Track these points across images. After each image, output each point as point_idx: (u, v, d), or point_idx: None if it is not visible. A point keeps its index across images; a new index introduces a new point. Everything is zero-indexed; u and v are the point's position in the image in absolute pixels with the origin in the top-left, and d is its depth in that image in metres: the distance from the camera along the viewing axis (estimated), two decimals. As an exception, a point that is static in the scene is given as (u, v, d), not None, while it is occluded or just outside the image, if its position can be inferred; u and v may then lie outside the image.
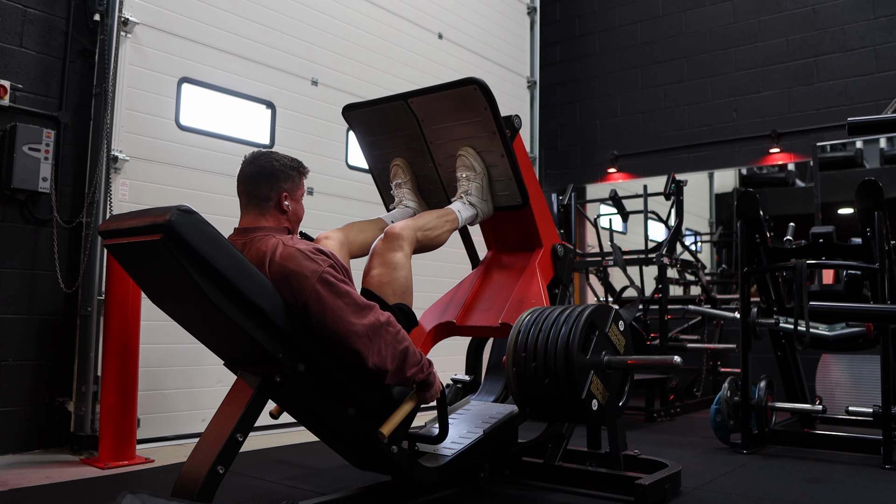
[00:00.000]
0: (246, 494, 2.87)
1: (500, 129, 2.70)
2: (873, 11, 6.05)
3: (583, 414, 2.29)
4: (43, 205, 3.80)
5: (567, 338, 2.26)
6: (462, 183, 2.81)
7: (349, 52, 5.32)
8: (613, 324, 2.44)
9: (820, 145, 6.19)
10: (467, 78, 2.67)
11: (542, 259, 2.96)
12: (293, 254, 2.08)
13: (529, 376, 2.32)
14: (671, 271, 5.91)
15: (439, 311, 2.93)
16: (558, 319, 2.33)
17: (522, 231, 2.99)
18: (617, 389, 2.46)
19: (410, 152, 2.96)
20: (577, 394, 2.25)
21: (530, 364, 2.31)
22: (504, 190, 2.85)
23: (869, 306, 3.71)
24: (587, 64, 7.55)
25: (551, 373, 2.27)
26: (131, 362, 3.52)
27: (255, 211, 2.25)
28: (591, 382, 2.30)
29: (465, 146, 2.81)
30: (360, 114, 2.99)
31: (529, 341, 2.34)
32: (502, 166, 2.79)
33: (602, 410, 2.35)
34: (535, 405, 2.37)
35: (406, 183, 2.95)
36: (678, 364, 2.25)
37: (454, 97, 2.71)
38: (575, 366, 2.24)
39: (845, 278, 4.23)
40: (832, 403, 4.51)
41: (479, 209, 2.83)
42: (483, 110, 2.68)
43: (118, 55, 3.94)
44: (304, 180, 2.37)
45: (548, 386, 2.29)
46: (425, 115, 2.82)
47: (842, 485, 3.11)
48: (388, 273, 2.43)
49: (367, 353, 2.08)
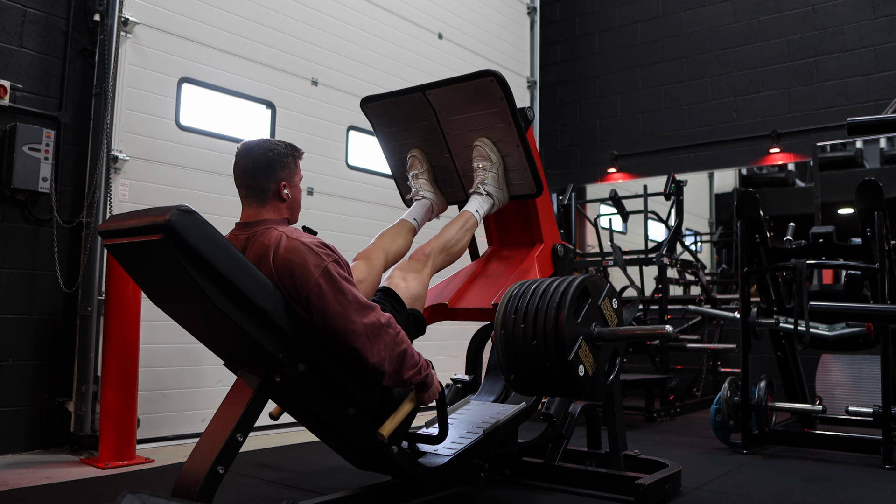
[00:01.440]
0: (246, 494, 2.87)
1: (515, 119, 2.76)
2: (873, 11, 6.05)
3: (568, 378, 2.21)
4: (43, 205, 3.80)
5: (558, 301, 2.20)
6: (479, 173, 2.86)
7: (349, 52, 5.32)
8: (607, 298, 2.38)
9: (820, 145, 6.19)
10: (484, 70, 2.72)
11: (542, 254, 2.98)
12: (297, 247, 2.08)
13: (518, 338, 2.26)
14: (671, 271, 5.92)
15: (433, 295, 2.95)
16: (550, 286, 2.28)
17: (525, 227, 3.02)
18: (607, 363, 2.37)
19: (427, 143, 3.01)
20: (564, 355, 2.18)
21: (518, 326, 2.26)
22: (519, 179, 2.90)
23: (869, 306, 3.72)
24: (587, 64, 7.55)
25: (539, 334, 2.21)
26: (131, 362, 3.52)
27: (255, 203, 2.24)
28: (579, 347, 2.22)
29: (482, 137, 2.86)
30: (378, 105, 3.03)
31: (519, 306, 2.29)
32: (517, 156, 2.84)
33: (589, 379, 2.26)
34: (520, 370, 2.29)
35: (423, 174, 2.99)
36: (669, 333, 2.22)
37: (471, 89, 2.76)
38: (564, 327, 2.17)
39: (845, 278, 4.23)
40: (832, 403, 4.51)
41: (496, 198, 2.89)
42: (499, 101, 2.73)
43: (118, 55, 3.94)
44: (300, 162, 2.38)
45: (535, 347, 2.22)
46: (442, 106, 2.87)
47: (842, 485, 3.11)
48: (404, 284, 2.52)
49: (366, 352, 2.08)
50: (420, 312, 2.54)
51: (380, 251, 2.66)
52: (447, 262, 2.75)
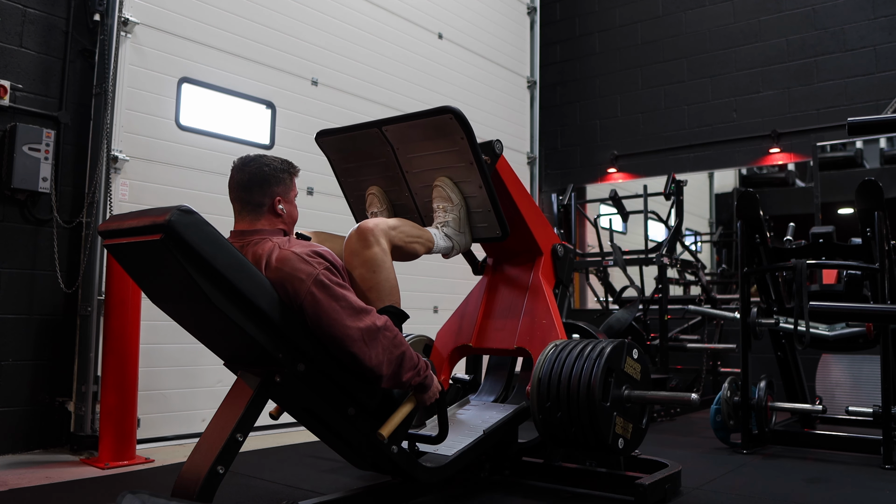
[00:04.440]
0: (246, 494, 2.87)
1: (477, 159, 2.59)
2: (873, 11, 6.05)
3: (612, 454, 2.51)
4: (43, 205, 3.80)
5: (587, 388, 2.39)
6: (438, 214, 2.70)
7: (349, 52, 5.32)
8: (628, 356, 2.55)
9: (820, 145, 6.18)
10: (442, 107, 2.57)
11: (544, 268, 2.97)
12: (288, 257, 2.08)
13: (555, 424, 2.47)
14: (671, 271, 5.91)
15: (453, 332, 2.95)
16: (576, 366, 2.45)
17: (519, 233, 2.97)
18: (638, 417, 2.57)
19: (386, 180, 2.87)
20: (605, 439, 2.39)
21: (555, 414, 2.45)
22: (483, 221, 2.74)
23: (869, 306, 3.71)
24: (587, 64, 7.55)
25: (576, 423, 2.42)
26: (131, 362, 3.52)
27: (249, 217, 2.24)
28: (615, 424, 2.44)
29: (442, 176, 2.69)
30: (334, 140, 2.90)
31: (551, 391, 2.47)
32: (481, 197, 2.67)
33: (628, 444, 2.51)
34: (566, 447, 2.60)
35: (382, 212, 2.84)
36: (695, 402, 2.43)
37: (429, 126, 2.60)
38: (598, 413, 2.38)
39: (845, 278, 4.23)
40: (832, 403, 4.50)
41: (456, 241, 2.71)
42: (459, 140, 2.57)
43: (118, 55, 3.94)
44: (296, 180, 2.36)
45: (575, 434, 2.44)
46: (400, 143, 2.73)
47: (842, 485, 3.11)
48: (371, 276, 2.33)
49: (364, 355, 2.08)
50: (395, 306, 2.36)
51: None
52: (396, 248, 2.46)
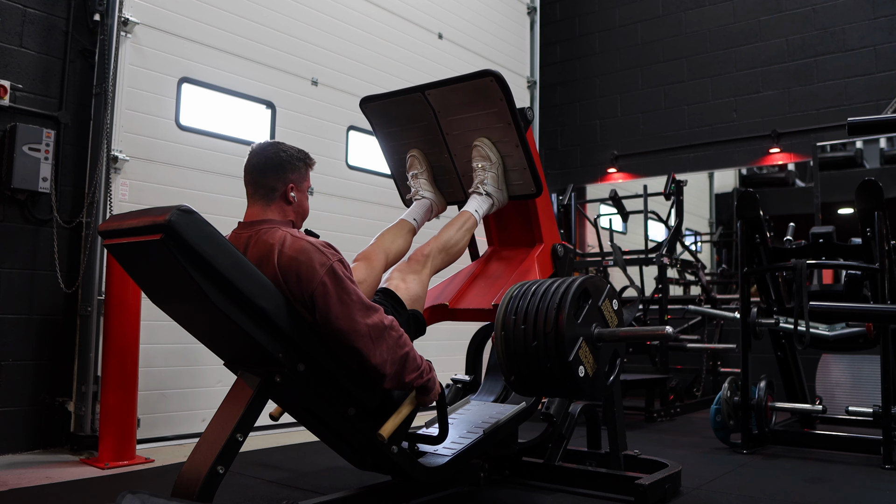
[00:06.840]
0: (246, 494, 2.87)
1: (515, 119, 2.76)
2: (873, 11, 6.05)
3: (568, 379, 2.21)
4: (43, 205, 3.80)
5: (558, 301, 2.21)
6: (478, 173, 2.87)
7: (349, 52, 5.32)
8: (607, 299, 2.39)
9: (820, 145, 6.19)
10: (483, 70, 2.72)
11: (542, 254, 2.98)
12: (304, 246, 2.09)
13: (518, 339, 2.26)
14: (671, 271, 5.92)
15: (433, 296, 2.95)
16: (550, 287, 2.29)
17: (525, 227, 3.02)
18: (607, 364, 2.37)
19: (426, 143, 3.01)
20: (565, 356, 2.18)
21: (519, 327, 2.26)
22: (518, 179, 2.90)
23: (869, 306, 3.72)
24: (587, 64, 7.55)
25: (539, 335, 2.22)
26: (131, 362, 3.52)
27: (261, 202, 2.25)
28: (579, 347, 2.23)
29: (481, 137, 2.86)
30: (377, 106, 3.04)
31: (520, 307, 2.29)
32: (517, 156, 2.84)
33: (589, 379, 2.27)
34: (521, 371, 2.29)
35: (422, 174, 3.00)
36: (670, 333, 2.22)
37: (470, 89, 2.76)
38: (564, 328, 2.18)
39: (845, 278, 4.23)
40: (832, 403, 4.51)
41: (496, 198, 2.89)
42: (499, 101, 2.73)
43: (118, 55, 3.93)
44: (311, 172, 2.38)
45: (535, 348, 2.22)
46: (442, 106, 2.88)
47: (841, 485, 3.11)
48: (404, 285, 2.54)
49: (368, 353, 2.08)
50: (420, 313, 2.55)
51: (380, 252, 2.65)
52: (446, 263, 2.75)
